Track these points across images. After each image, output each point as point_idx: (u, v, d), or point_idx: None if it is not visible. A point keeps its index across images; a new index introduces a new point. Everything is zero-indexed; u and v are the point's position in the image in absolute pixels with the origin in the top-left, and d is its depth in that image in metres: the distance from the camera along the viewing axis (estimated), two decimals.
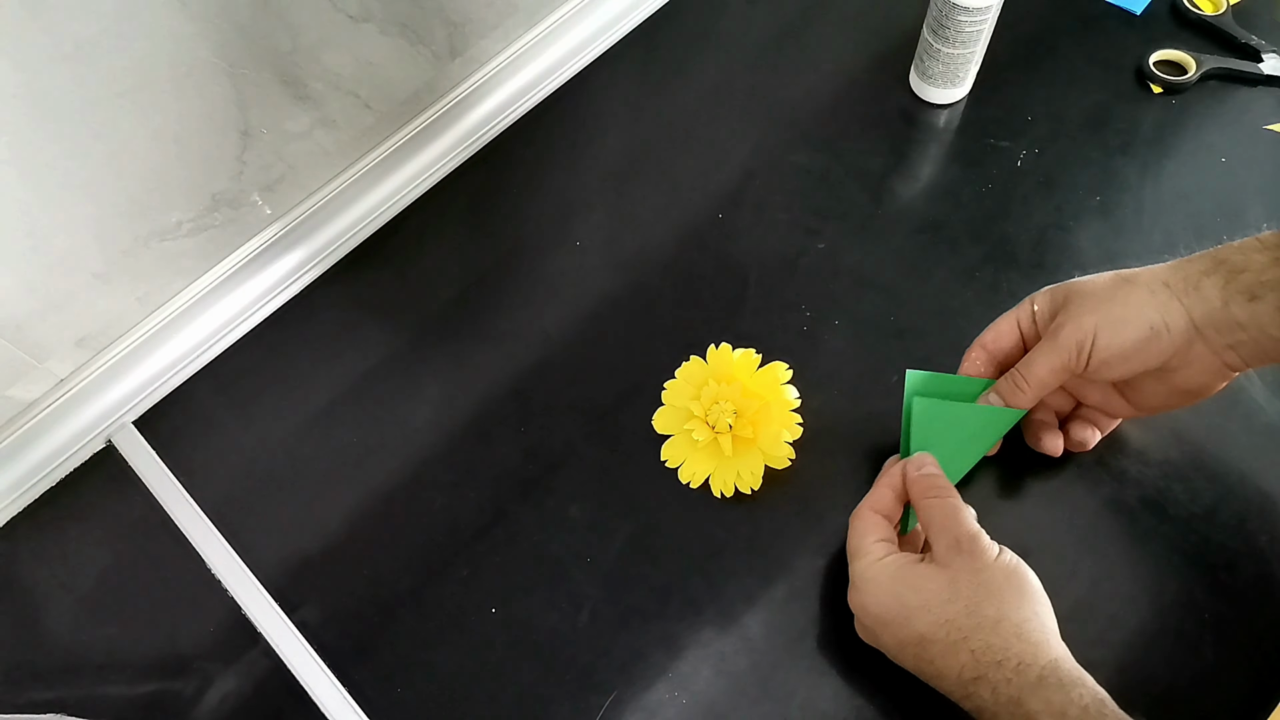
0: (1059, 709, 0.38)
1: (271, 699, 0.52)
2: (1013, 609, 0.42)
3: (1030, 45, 0.67)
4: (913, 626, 0.43)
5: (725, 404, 0.55)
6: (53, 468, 0.59)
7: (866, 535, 0.47)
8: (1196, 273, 0.44)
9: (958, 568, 0.43)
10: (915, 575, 0.44)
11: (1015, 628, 0.41)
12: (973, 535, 0.44)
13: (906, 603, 0.43)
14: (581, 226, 0.64)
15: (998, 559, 0.44)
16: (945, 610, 0.42)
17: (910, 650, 0.44)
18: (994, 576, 0.43)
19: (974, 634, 0.42)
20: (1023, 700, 0.39)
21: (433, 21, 0.60)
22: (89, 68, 0.47)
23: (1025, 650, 0.41)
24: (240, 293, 0.63)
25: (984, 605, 0.42)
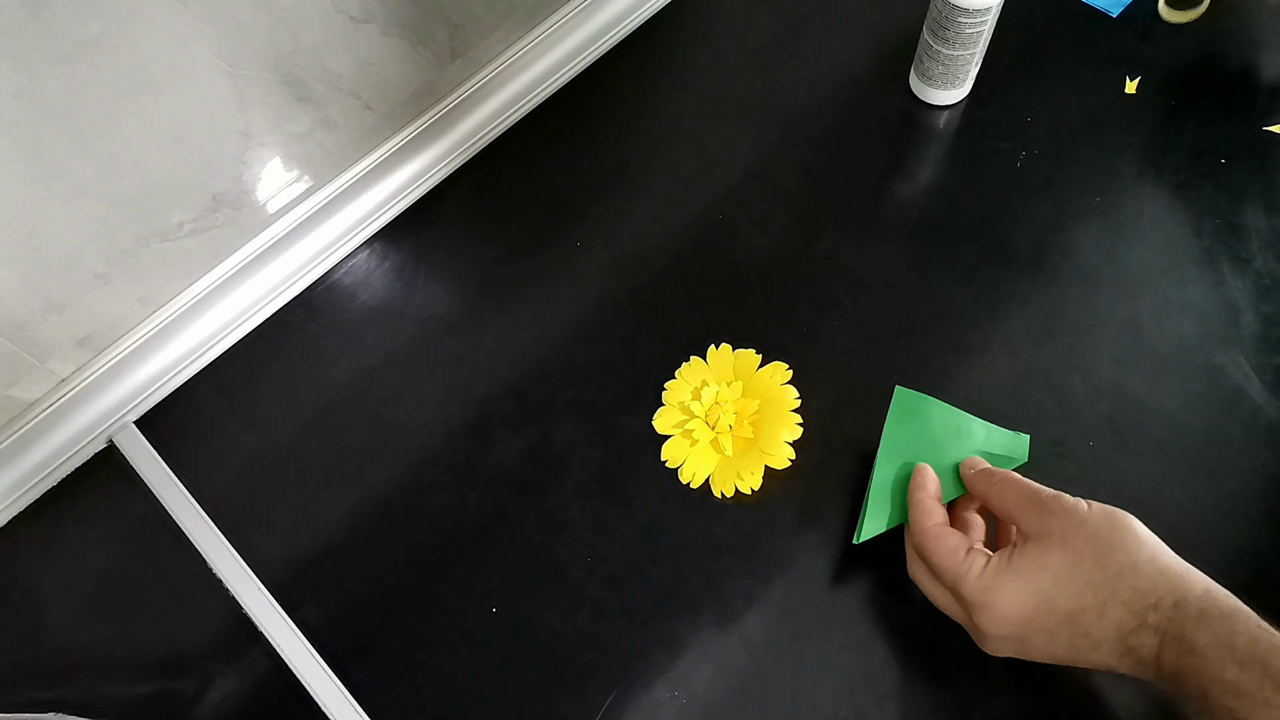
0: (1226, 640, 0.38)
1: (272, 699, 0.52)
2: (1139, 548, 0.41)
3: (1030, 46, 0.67)
4: (1056, 608, 0.41)
5: (725, 404, 0.55)
6: (54, 468, 0.59)
7: (956, 551, 0.44)
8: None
9: (1061, 531, 0.42)
10: (1029, 559, 0.42)
11: (1152, 564, 0.40)
12: (1054, 494, 0.44)
13: (1039, 586, 0.42)
14: (581, 226, 0.65)
15: (1091, 508, 0.43)
16: (1078, 575, 0.41)
17: (1063, 635, 0.42)
18: (1100, 525, 0.42)
19: (1118, 585, 0.40)
20: (1187, 636, 0.38)
21: (434, 23, 0.61)
22: (90, 68, 0.47)
23: (1175, 584, 0.40)
24: (241, 293, 0.63)
25: (1111, 554, 0.41)
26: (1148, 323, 0.56)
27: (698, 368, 0.57)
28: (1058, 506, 0.43)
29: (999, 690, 0.47)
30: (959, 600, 0.44)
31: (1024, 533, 0.44)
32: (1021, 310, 0.58)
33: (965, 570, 0.44)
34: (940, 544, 0.45)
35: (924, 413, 0.52)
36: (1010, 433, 0.52)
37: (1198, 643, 0.38)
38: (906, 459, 0.51)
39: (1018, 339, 0.57)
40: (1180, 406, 0.54)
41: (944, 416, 0.52)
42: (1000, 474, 0.47)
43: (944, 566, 0.44)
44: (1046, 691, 0.47)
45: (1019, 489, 0.45)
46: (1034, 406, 0.54)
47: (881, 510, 0.50)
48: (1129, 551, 0.41)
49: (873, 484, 0.50)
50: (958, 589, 0.44)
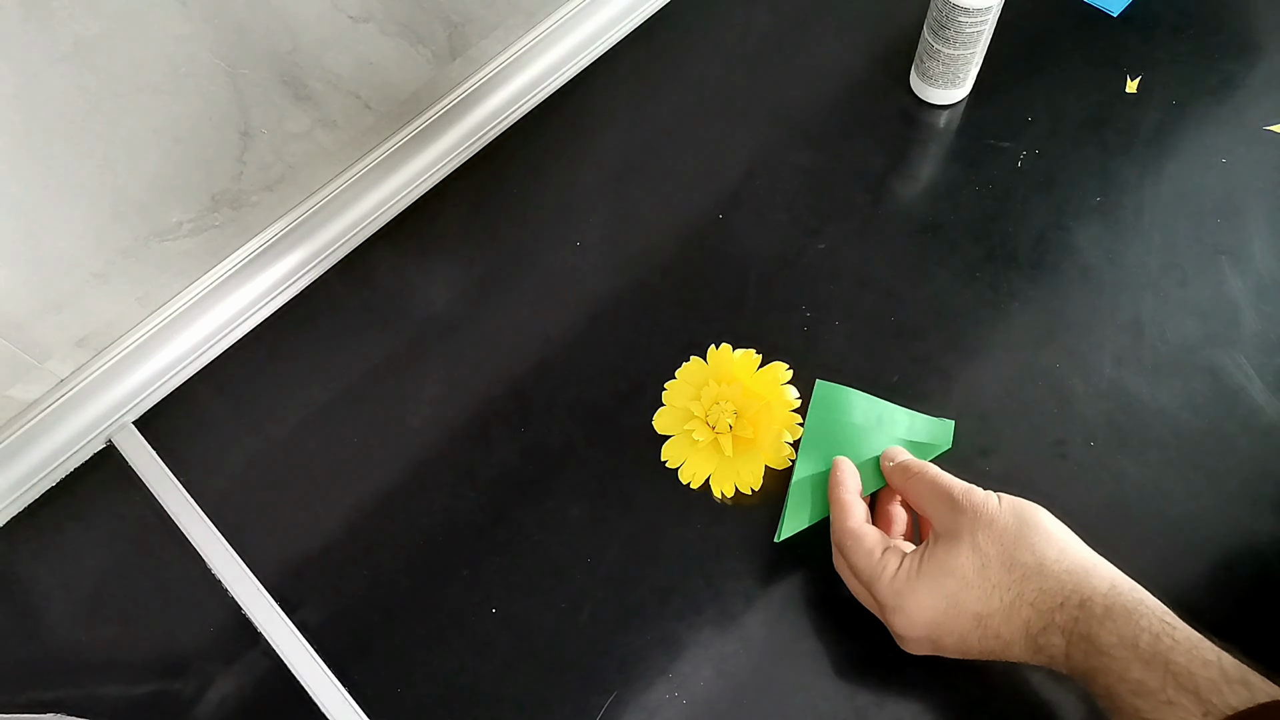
0: (1130, 638, 0.37)
1: (271, 699, 0.52)
2: (1046, 545, 0.41)
3: (1030, 46, 0.67)
4: (965, 610, 0.42)
5: (725, 404, 0.55)
6: (53, 468, 0.59)
7: (871, 553, 0.45)
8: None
9: (969, 530, 0.42)
10: (939, 561, 0.43)
11: (1058, 563, 0.40)
12: (965, 490, 0.44)
13: (947, 591, 0.42)
14: (581, 226, 0.64)
15: (1001, 504, 0.43)
16: (984, 577, 0.41)
17: (974, 636, 0.42)
18: (1008, 522, 0.42)
19: (1024, 586, 0.40)
20: (1093, 635, 0.38)
21: (433, 22, 0.60)
22: (89, 68, 0.47)
23: (1080, 583, 0.40)
24: (240, 293, 0.63)
25: (1018, 554, 0.41)
26: (1148, 323, 0.56)
27: (698, 368, 0.57)
28: (967, 504, 0.43)
29: (999, 690, 0.47)
30: (875, 600, 0.45)
31: (936, 531, 0.44)
32: (1022, 310, 0.58)
33: (879, 571, 0.44)
34: (858, 544, 0.46)
35: (845, 404, 0.52)
36: (935, 419, 0.52)
37: (1102, 642, 0.38)
38: (828, 453, 0.51)
39: (1018, 339, 0.57)
40: (1181, 406, 0.54)
41: (866, 406, 0.53)
42: (916, 468, 0.47)
43: (859, 566, 0.45)
44: (1047, 691, 0.47)
45: (932, 485, 0.45)
46: (1034, 406, 0.54)
47: (802, 507, 0.51)
48: (1035, 550, 0.41)
49: (793, 481, 0.51)
50: (872, 590, 0.45)
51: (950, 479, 0.45)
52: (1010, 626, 0.41)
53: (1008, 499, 0.43)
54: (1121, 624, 0.38)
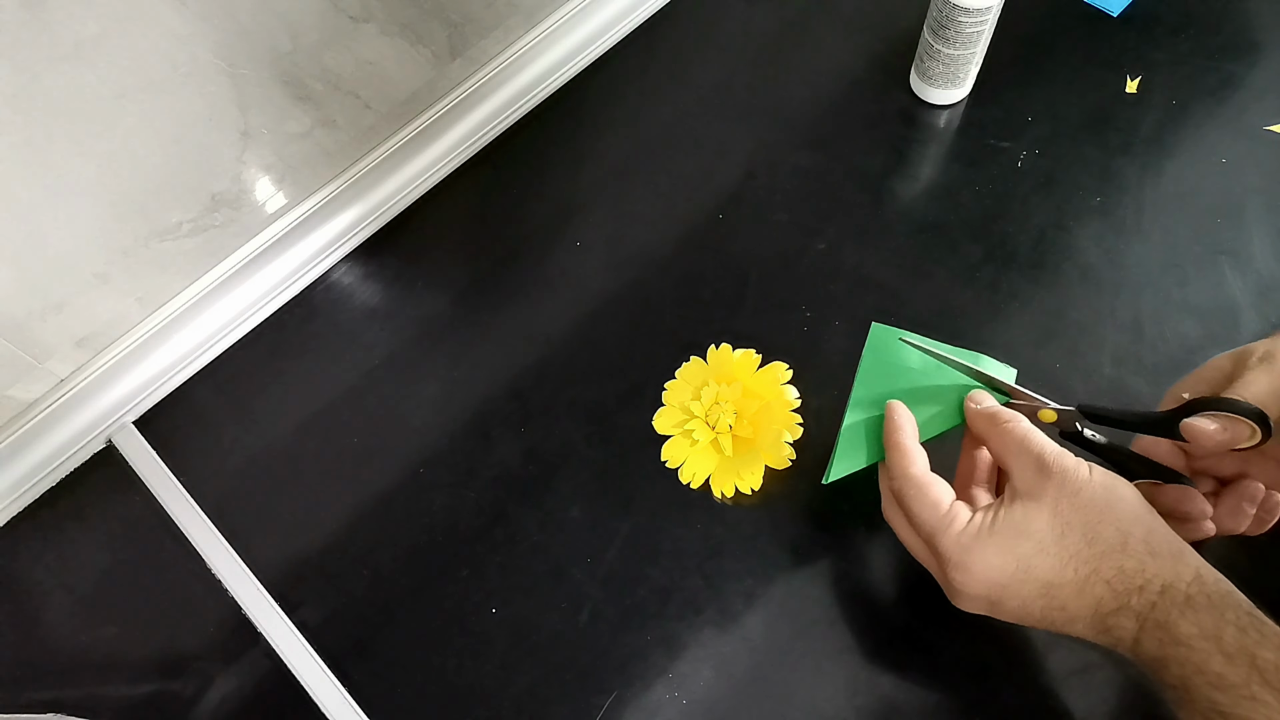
0: (1213, 632, 0.36)
1: (271, 699, 0.52)
2: (1132, 524, 0.39)
3: (1030, 46, 0.67)
4: (1034, 576, 0.39)
5: (725, 404, 0.55)
6: (53, 468, 0.59)
7: (938, 504, 0.42)
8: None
9: (1054, 495, 0.40)
10: (1015, 521, 0.40)
11: (1144, 544, 0.38)
12: (1057, 453, 0.41)
13: (1020, 553, 0.40)
14: (581, 226, 0.64)
15: (1093, 473, 0.40)
16: (1063, 546, 0.39)
17: (1036, 604, 0.40)
18: (1096, 494, 0.40)
19: (1103, 562, 0.38)
20: (1171, 624, 0.37)
21: (433, 22, 0.60)
22: (89, 68, 0.47)
23: (1164, 568, 0.38)
24: (240, 293, 0.63)
25: (1101, 528, 0.39)
26: (1148, 323, 0.56)
27: (698, 368, 0.57)
28: (1057, 467, 0.41)
29: (999, 691, 0.47)
30: (934, 552, 0.43)
31: (1015, 488, 0.42)
32: (1022, 310, 0.58)
33: (946, 524, 0.42)
34: (922, 494, 0.43)
35: (901, 347, 0.50)
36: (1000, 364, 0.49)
37: (1182, 632, 0.36)
38: (882, 397, 0.48)
39: (1018, 339, 0.57)
40: None
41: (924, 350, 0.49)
42: (1007, 417, 0.44)
43: (922, 518, 0.43)
44: (1047, 693, 0.47)
45: (1022, 440, 0.42)
46: None
47: (854, 450, 0.48)
48: (1121, 527, 0.39)
49: (845, 424, 0.48)
50: (934, 543, 0.42)
51: (1042, 438, 0.42)
52: (1080, 601, 0.39)
53: (1100, 470, 0.41)
54: (1204, 615, 0.36)
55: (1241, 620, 0.36)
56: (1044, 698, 0.47)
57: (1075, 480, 0.40)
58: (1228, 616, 0.36)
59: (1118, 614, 0.38)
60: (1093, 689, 0.47)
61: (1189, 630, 0.36)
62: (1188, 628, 0.36)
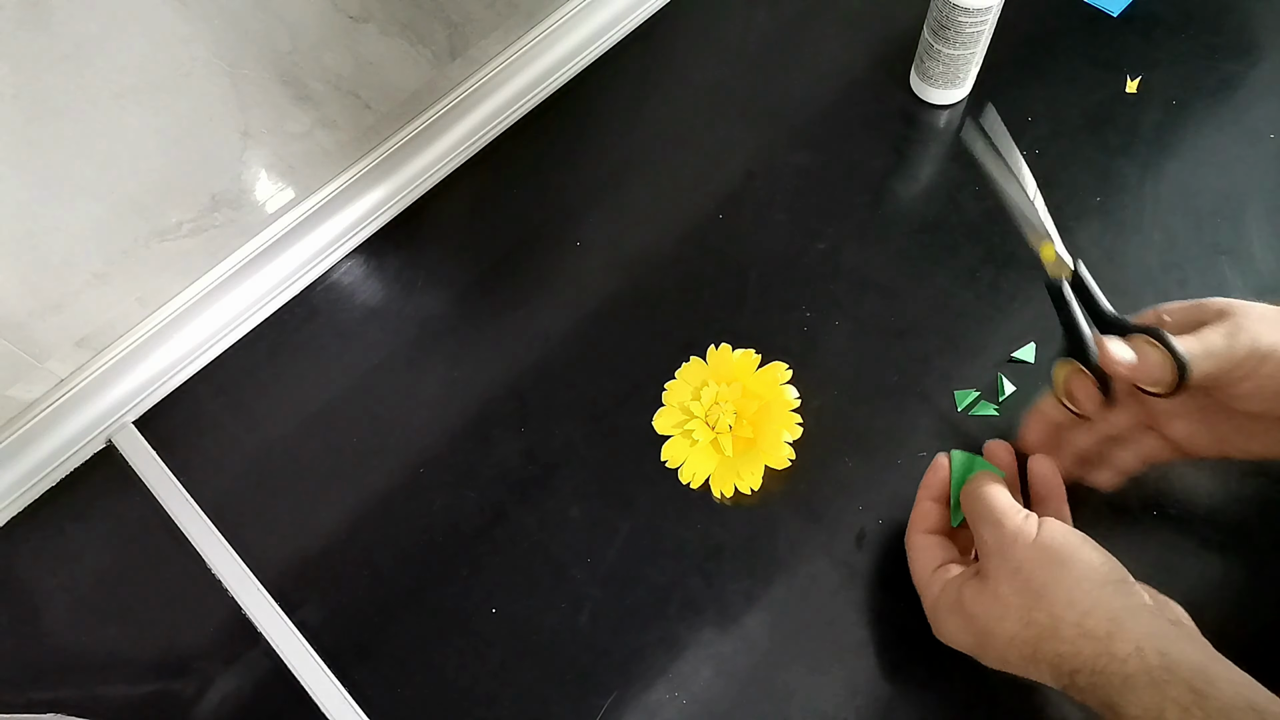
0: (1156, 713, 0.35)
1: (271, 699, 0.52)
2: (1065, 606, 0.39)
3: (1030, 46, 0.67)
4: (992, 648, 0.42)
5: (725, 404, 0.55)
6: (53, 468, 0.59)
7: (926, 566, 0.46)
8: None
9: (997, 573, 0.41)
10: (970, 596, 0.42)
11: (1075, 627, 0.38)
12: (997, 523, 0.42)
13: (975, 627, 0.42)
14: (581, 226, 0.64)
15: (1035, 540, 0.41)
16: (1003, 628, 0.41)
17: (1002, 666, 0.42)
18: (1033, 570, 0.40)
19: (1040, 645, 0.39)
20: (1117, 705, 0.37)
21: (433, 22, 0.60)
22: (89, 68, 0.47)
23: (1099, 650, 0.37)
24: (240, 293, 0.63)
25: (1034, 610, 0.40)
26: None
27: (698, 368, 0.57)
28: (996, 543, 0.42)
29: (999, 692, 0.47)
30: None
31: (979, 558, 0.44)
32: (1022, 310, 0.57)
33: (927, 585, 0.46)
34: (917, 555, 0.47)
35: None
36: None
37: (1127, 713, 0.36)
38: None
39: (1018, 339, 0.57)
40: None
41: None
42: (974, 487, 0.45)
43: (914, 574, 0.47)
44: (1047, 694, 0.47)
45: (978, 512, 0.44)
46: None
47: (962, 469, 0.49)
48: (1054, 606, 0.39)
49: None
50: (921, 597, 0.46)
51: (995, 501, 0.43)
52: (1036, 673, 0.40)
53: (1045, 534, 0.41)
54: (1145, 695, 0.36)
55: (1183, 698, 0.35)
56: (1044, 699, 0.47)
57: (1014, 556, 0.41)
58: (1170, 694, 0.35)
59: (1069, 690, 0.39)
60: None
61: (1133, 712, 0.36)
62: (1130, 709, 0.36)
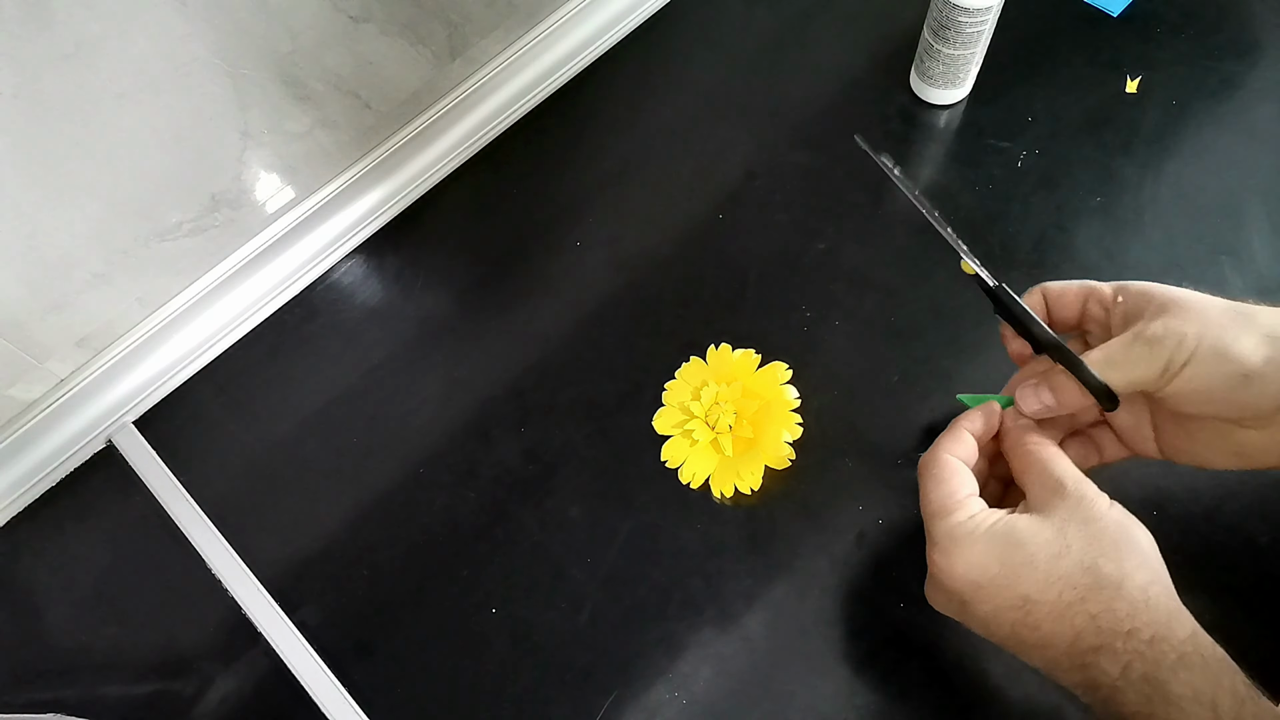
0: (1209, 698, 0.33)
1: (271, 699, 0.52)
2: (1135, 569, 0.36)
3: (1030, 46, 0.67)
4: (1016, 588, 0.38)
5: (725, 404, 0.55)
6: (53, 468, 0.59)
7: (958, 490, 0.41)
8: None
9: (1065, 516, 0.38)
10: (1015, 530, 0.38)
11: (1142, 591, 0.36)
12: (1078, 479, 0.39)
13: (1008, 560, 0.38)
14: (581, 226, 0.64)
15: (1111, 508, 0.38)
16: (1056, 566, 0.37)
17: (1008, 616, 0.38)
18: (1108, 529, 0.37)
19: (1093, 595, 0.36)
20: (1161, 681, 0.34)
21: (433, 22, 0.60)
22: (89, 67, 0.47)
23: (1158, 620, 0.35)
24: (240, 293, 0.63)
25: (1102, 561, 0.37)
26: None
27: (698, 368, 0.57)
28: (1075, 492, 0.39)
29: (999, 692, 0.47)
30: (928, 534, 0.41)
31: (1028, 503, 0.40)
32: None
33: (950, 510, 0.40)
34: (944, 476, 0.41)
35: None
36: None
37: (1173, 691, 0.34)
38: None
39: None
40: None
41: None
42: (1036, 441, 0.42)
43: (932, 495, 0.41)
44: (1048, 694, 0.47)
45: (1045, 463, 0.40)
46: None
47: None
48: (1124, 567, 0.37)
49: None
50: (931, 525, 0.41)
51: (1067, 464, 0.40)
52: (1058, 627, 0.37)
53: (1120, 509, 0.39)
54: (1199, 677, 0.34)
55: (1239, 689, 0.34)
56: (1045, 699, 0.47)
57: (1091, 508, 0.38)
58: (1224, 683, 0.34)
59: (1099, 653, 0.36)
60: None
61: (1181, 690, 0.34)
62: (1180, 687, 0.34)
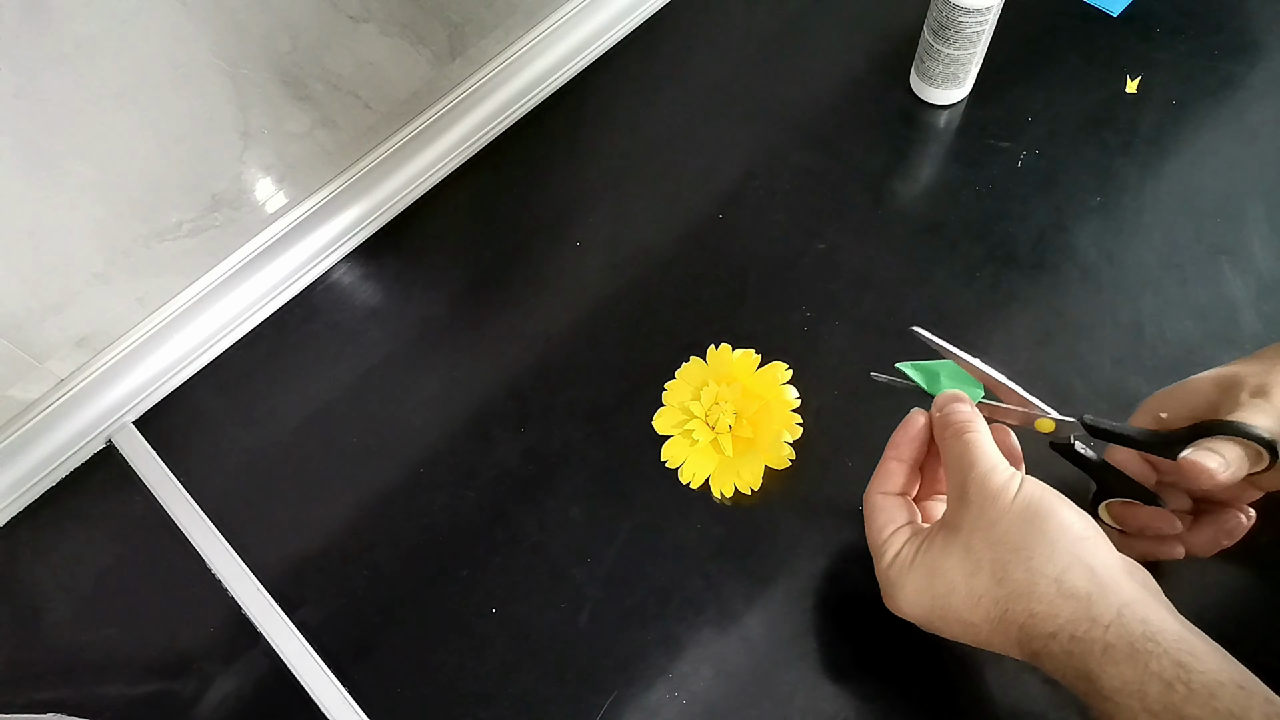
0: (1136, 685, 0.33)
1: (271, 699, 0.52)
2: (1044, 560, 0.36)
3: (1030, 46, 0.67)
4: (954, 615, 0.39)
5: (725, 404, 0.55)
6: (53, 468, 0.59)
7: (882, 529, 0.43)
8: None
9: (969, 529, 0.38)
10: (933, 556, 0.39)
11: (1055, 584, 0.36)
12: (981, 476, 0.39)
13: (936, 592, 0.39)
14: (581, 226, 0.64)
15: (1016, 498, 0.38)
16: (972, 586, 0.38)
17: (965, 637, 0.39)
18: (1011, 525, 0.37)
19: (1014, 604, 0.37)
20: (1093, 675, 0.34)
21: (433, 22, 0.60)
22: (89, 68, 0.47)
23: (1078, 611, 0.35)
24: (240, 293, 0.63)
25: (1010, 566, 0.37)
26: (1148, 323, 0.56)
27: (698, 368, 0.57)
28: (975, 495, 0.39)
29: (1000, 692, 0.47)
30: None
31: (945, 517, 0.41)
32: (1022, 310, 0.58)
33: (881, 552, 0.42)
34: (876, 514, 0.43)
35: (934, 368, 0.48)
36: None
37: (1105, 685, 0.34)
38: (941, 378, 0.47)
39: (1018, 339, 0.57)
40: None
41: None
42: (956, 429, 0.41)
43: (868, 539, 0.44)
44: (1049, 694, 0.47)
45: (959, 458, 0.40)
46: None
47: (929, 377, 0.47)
48: (1032, 567, 0.37)
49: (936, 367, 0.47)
50: (876, 560, 0.43)
51: (978, 453, 0.40)
52: (1002, 640, 0.38)
53: (1025, 492, 0.38)
54: (1126, 666, 0.34)
55: (1167, 672, 0.33)
56: (1045, 699, 0.47)
57: (992, 510, 0.38)
58: (1151, 667, 0.33)
59: (1038, 658, 0.36)
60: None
61: (1111, 684, 0.34)
62: (1111, 680, 0.34)
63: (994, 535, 0.38)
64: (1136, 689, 0.33)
